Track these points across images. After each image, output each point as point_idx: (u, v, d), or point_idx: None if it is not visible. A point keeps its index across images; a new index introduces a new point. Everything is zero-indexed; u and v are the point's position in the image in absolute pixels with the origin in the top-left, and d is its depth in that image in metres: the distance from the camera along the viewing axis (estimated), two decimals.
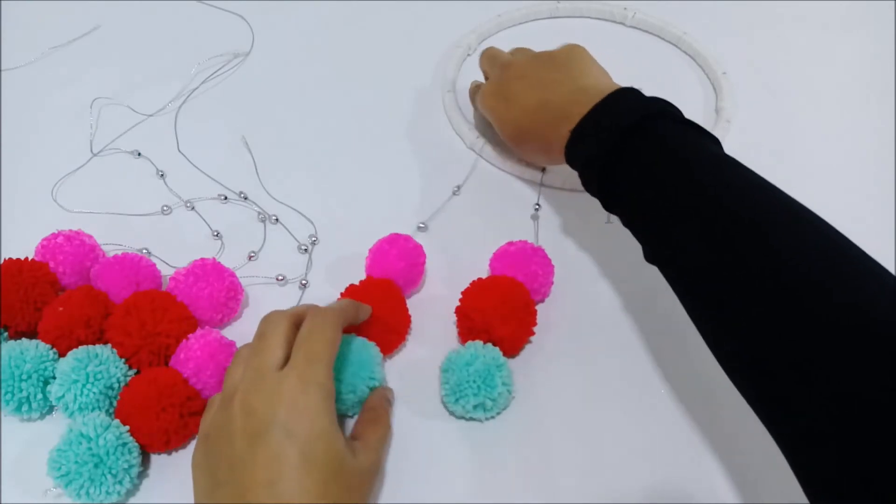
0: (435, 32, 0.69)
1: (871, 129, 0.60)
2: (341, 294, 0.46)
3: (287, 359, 0.37)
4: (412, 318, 0.46)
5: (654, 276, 0.43)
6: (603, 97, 0.43)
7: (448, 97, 0.62)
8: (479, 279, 0.46)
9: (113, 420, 0.39)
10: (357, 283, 0.47)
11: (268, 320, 0.39)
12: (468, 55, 0.68)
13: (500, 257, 0.48)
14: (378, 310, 0.44)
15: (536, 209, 0.54)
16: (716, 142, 0.42)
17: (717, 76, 0.63)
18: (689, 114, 0.43)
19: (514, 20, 0.71)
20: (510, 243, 0.49)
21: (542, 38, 0.58)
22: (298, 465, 0.33)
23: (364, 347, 0.43)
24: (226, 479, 0.34)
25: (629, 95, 0.44)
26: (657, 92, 0.44)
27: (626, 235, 0.45)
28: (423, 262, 0.49)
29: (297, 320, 0.39)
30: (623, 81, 0.52)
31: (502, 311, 0.44)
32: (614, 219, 0.45)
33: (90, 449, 0.37)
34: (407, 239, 0.48)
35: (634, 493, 0.40)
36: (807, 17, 0.71)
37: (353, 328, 0.44)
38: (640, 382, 0.45)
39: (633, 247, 0.44)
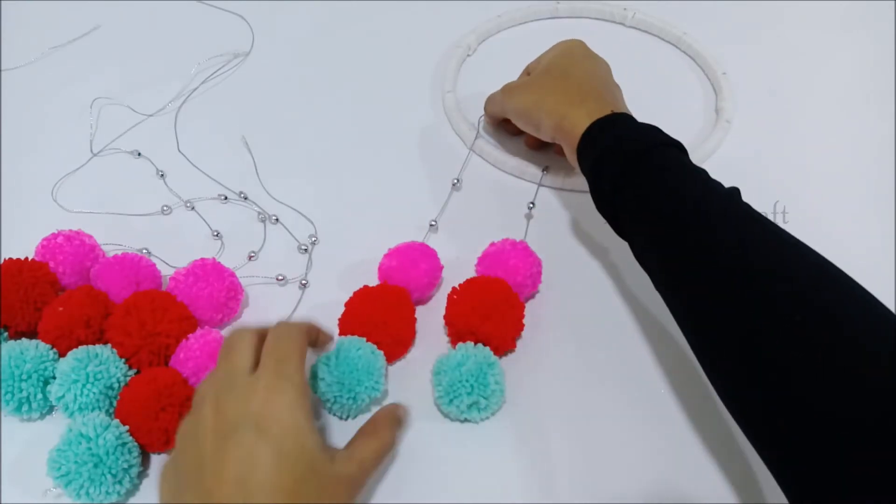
0: (435, 32, 0.69)
1: (871, 129, 0.60)
2: (354, 294, 0.46)
3: (256, 365, 0.36)
4: None
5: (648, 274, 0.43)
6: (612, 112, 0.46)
7: (448, 97, 0.62)
8: (460, 284, 0.46)
9: (113, 420, 0.39)
10: (371, 285, 0.46)
11: (233, 333, 0.38)
12: (468, 55, 0.68)
13: (483, 259, 0.48)
14: (391, 318, 0.44)
15: (530, 208, 0.54)
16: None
17: (717, 76, 0.63)
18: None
19: (514, 20, 0.71)
20: (492, 244, 0.49)
21: (542, 38, 0.58)
22: (271, 462, 0.32)
23: (373, 355, 0.42)
24: (190, 483, 0.33)
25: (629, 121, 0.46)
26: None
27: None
28: (438, 283, 0.49)
29: (262, 334, 0.38)
30: (623, 81, 0.52)
31: (482, 309, 0.44)
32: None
33: (90, 449, 0.37)
34: (436, 258, 0.48)
35: (632, 492, 0.40)
36: (807, 18, 0.71)
37: (362, 333, 0.44)
38: (634, 381, 0.45)
39: (627, 245, 0.44)
